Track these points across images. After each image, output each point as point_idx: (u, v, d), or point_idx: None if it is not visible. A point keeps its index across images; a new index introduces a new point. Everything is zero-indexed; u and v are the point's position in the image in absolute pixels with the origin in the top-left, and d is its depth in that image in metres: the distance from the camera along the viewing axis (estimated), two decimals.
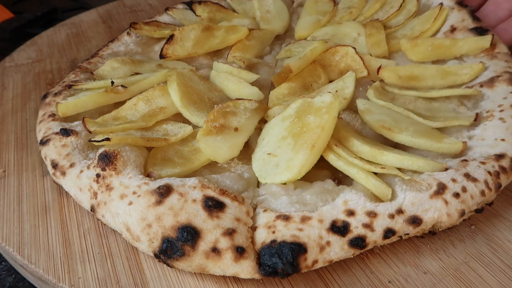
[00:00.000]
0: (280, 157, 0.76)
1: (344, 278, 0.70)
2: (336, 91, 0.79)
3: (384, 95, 0.95)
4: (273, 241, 0.66)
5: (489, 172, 0.75)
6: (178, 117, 0.90)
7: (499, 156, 0.78)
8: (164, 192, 0.70)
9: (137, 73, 1.02)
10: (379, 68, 1.00)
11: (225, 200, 0.70)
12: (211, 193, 0.71)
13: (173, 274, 0.72)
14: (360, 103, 0.90)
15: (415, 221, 0.70)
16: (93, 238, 0.78)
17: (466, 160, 0.77)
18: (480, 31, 1.07)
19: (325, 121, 0.76)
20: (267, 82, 1.05)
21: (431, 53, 1.06)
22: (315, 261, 0.67)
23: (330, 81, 1.01)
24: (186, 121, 0.88)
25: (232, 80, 0.98)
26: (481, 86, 0.95)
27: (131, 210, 0.71)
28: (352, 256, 0.70)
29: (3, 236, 0.80)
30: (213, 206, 0.69)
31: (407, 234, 0.71)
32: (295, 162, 0.73)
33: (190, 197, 0.70)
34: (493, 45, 1.03)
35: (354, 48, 1.05)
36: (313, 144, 0.73)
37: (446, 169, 0.75)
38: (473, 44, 1.04)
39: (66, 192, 0.84)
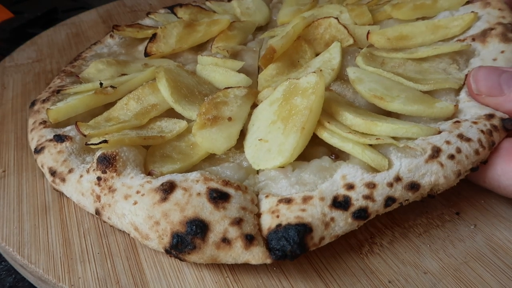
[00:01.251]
0: (272, 142, 0.74)
1: (344, 278, 0.67)
2: (321, 70, 0.78)
3: (373, 60, 0.92)
4: (279, 225, 0.65)
5: (482, 131, 0.73)
6: (171, 113, 0.87)
7: (490, 116, 0.76)
8: (168, 188, 0.68)
9: (124, 74, 0.98)
10: (368, 33, 0.96)
11: (229, 190, 0.69)
12: (214, 185, 0.69)
13: (173, 274, 0.69)
14: (351, 72, 0.87)
15: (413, 186, 0.68)
16: (93, 238, 0.76)
17: (458, 121, 0.75)
18: None
19: (312, 101, 0.73)
20: (254, 67, 1.01)
21: (414, 12, 1.02)
22: (322, 238, 0.66)
23: (317, 55, 0.97)
24: (179, 116, 0.85)
25: (218, 71, 0.95)
26: (473, 40, 0.91)
27: (137, 209, 0.68)
28: (356, 228, 0.68)
29: (3, 236, 0.77)
30: (218, 197, 0.67)
31: (407, 200, 0.70)
32: (286, 146, 0.71)
33: (194, 191, 0.68)
34: None
35: (337, 18, 1.01)
36: (303, 126, 0.72)
37: (440, 132, 0.73)
38: None
39: None
